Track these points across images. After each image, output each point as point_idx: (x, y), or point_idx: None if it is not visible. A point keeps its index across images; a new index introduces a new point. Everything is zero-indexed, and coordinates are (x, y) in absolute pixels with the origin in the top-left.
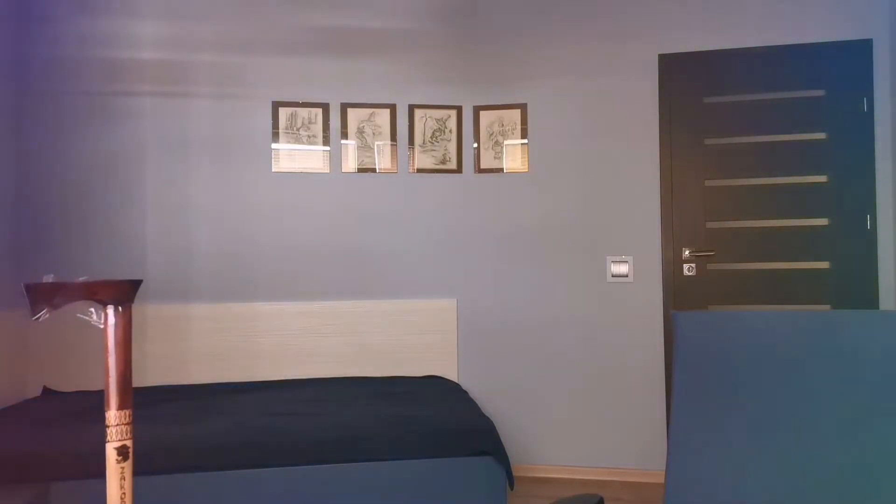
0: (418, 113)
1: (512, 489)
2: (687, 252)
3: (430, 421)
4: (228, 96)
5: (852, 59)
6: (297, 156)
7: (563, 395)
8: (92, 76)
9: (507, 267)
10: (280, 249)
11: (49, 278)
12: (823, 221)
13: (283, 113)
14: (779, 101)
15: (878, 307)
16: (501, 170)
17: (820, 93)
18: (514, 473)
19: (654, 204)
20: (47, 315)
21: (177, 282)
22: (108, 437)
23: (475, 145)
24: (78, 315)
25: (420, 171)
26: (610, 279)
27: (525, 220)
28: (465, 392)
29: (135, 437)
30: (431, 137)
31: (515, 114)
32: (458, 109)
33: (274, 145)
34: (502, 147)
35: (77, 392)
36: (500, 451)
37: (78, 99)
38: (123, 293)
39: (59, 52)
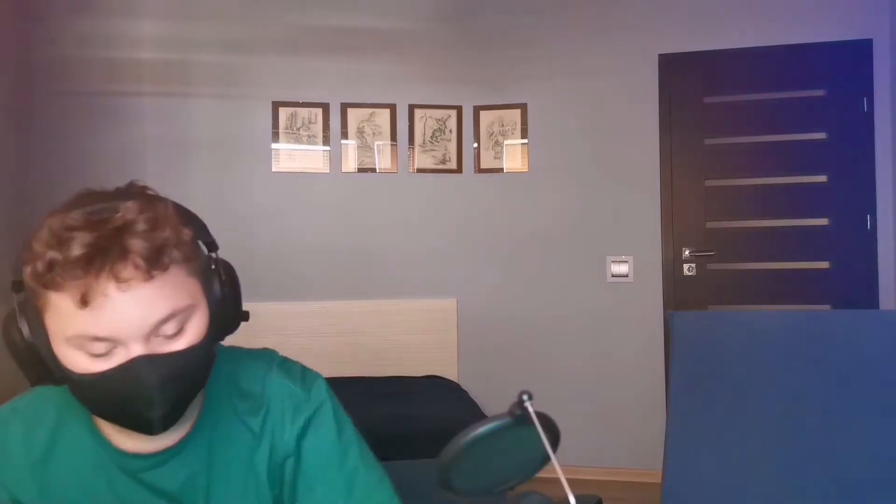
0: (418, 113)
1: (512, 490)
2: (687, 252)
3: (430, 421)
4: (228, 96)
5: (852, 59)
6: (297, 156)
7: (562, 395)
8: (92, 76)
9: (507, 267)
10: (280, 249)
11: None
12: (823, 221)
13: (283, 113)
14: (779, 101)
15: (878, 307)
16: (501, 170)
17: (820, 93)
18: None
19: (654, 204)
20: None
21: None
22: None
23: (475, 145)
24: None
25: (420, 171)
26: (610, 279)
27: (525, 219)
28: (465, 392)
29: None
30: (431, 137)
31: (515, 114)
32: (458, 109)
33: (274, 145)
34: (502, 147)
35: None
36: None
37: (78, 99)
38: None
39: (59, 52)
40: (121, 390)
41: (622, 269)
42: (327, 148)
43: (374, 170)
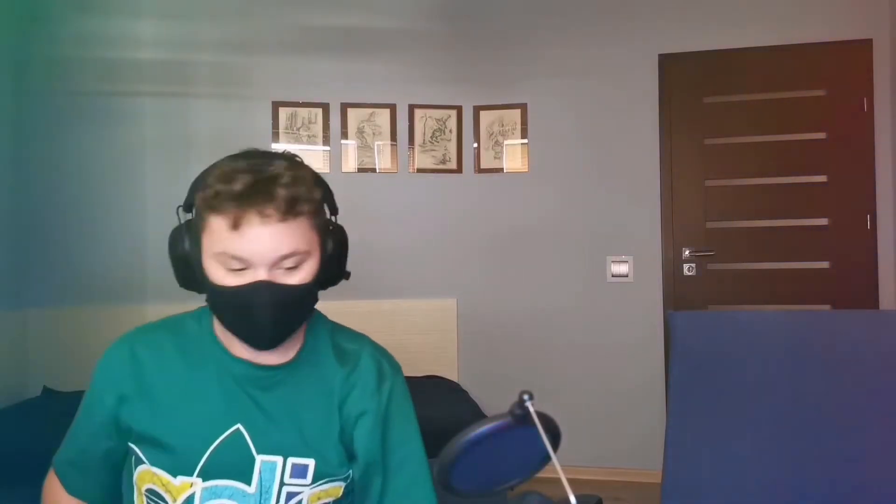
0: (418, 113)
1: (512, 490)
2: (687, 252)
3: (430, 421)
4: (228, 96)
5: (852, 59)
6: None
7: (562, 395)
8: (92, 76)
9: (507, 267)
10: None
11: None
12: (823, 221)
13: (283, 113)
14: (779, 101)
15: (878, 307)
16: (501, 170)
17: (820, 93)
18: None
19: (654, 204)
20: None
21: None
22: None
23: (475, 145)
24: None
25: (420, 171)
26: (610, 279)
27: (525, 220)
28: (465, 392)
29: None
30: (431, 137)
31: (515, 114)
32: (458, 109)
33: (274, 145)
34: (502, 147)
35: (77, 392)
36: None
37: (78, 99)
38: None
39: (59, 52)
40: (244, 304)
41: (622, 269)
42: (327, 148)
43: (374, 170)
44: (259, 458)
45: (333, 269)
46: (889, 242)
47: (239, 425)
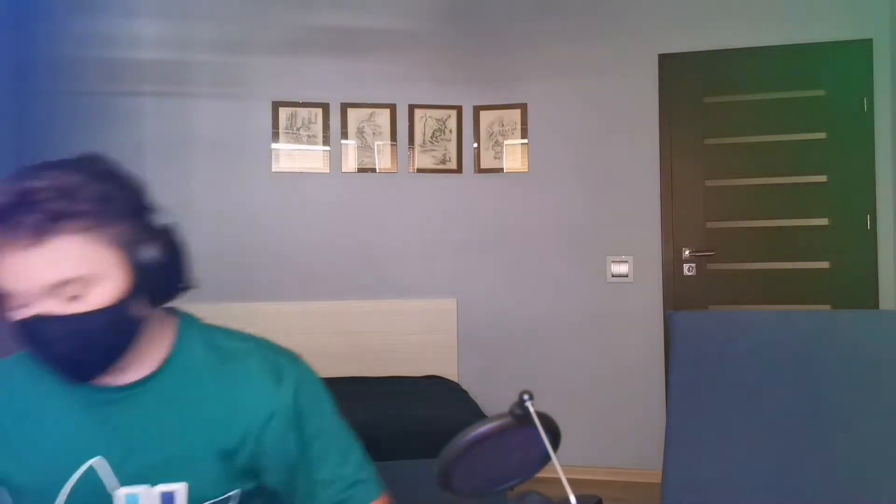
0: (418, 113)
1: (512, 490)
2: (687, 252)
3: (430, 421)
4: (228, 96)
5: (852, 59)
6: (297, 156)
7: (562, 395)
8: (92, 76)
9: (507, 267)
10: (280, 249)
11: None
12: (823, 221)
13: (283, 113)
14: (779, 101)
15: (878, 307)
16: (501, 170)
17: (820, 93)
18: None
19: (654, 204)
20: None
21: None
22: None
23: (475, 145)
24: None
25: (420, 171)
26: (610, 279)
27: (525, 220)
28: (465, 392)
29: None
30: (431, 137)
31: (515, 114)
32: (458, 109)
33: (274, 145)
34: (502, 147)
35: None
36: None
37: (77, 99)
38: None
39: (59, 52)
40: (25, 341)
41: (622, 269)
42: (327, 148)
43: (374, 170)
44: (122, 492)
45: (158, 280)
46: (889, 242)
47: (95, 459)
